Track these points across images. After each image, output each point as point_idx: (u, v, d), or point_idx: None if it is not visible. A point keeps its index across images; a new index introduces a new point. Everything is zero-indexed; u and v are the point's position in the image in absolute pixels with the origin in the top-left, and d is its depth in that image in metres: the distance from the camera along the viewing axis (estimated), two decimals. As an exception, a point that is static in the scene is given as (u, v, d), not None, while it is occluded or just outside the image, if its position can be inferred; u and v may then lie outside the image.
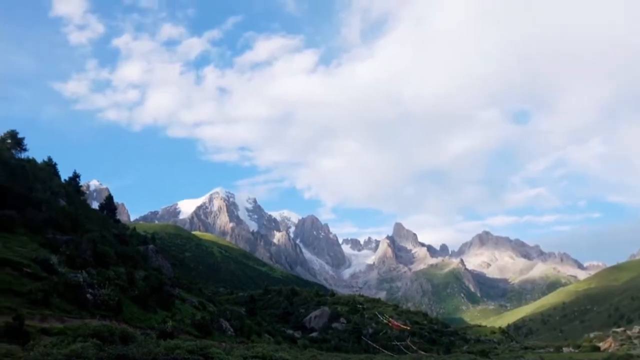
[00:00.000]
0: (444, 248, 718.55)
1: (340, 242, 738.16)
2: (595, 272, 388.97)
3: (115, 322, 21.71)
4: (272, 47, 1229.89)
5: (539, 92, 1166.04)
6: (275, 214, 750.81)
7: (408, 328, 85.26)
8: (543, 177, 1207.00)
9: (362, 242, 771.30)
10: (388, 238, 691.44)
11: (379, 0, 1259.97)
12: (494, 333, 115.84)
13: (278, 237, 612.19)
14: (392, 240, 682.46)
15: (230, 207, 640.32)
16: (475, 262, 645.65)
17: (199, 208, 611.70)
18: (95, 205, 70.50)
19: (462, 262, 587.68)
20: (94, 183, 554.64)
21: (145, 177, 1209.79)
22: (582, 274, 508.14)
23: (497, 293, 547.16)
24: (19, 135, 46.81)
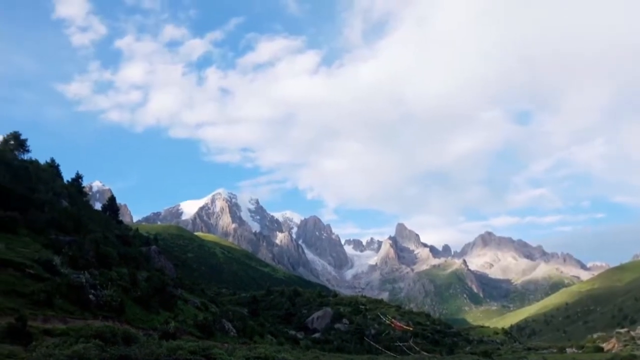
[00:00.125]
0: (447, 249, 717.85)
1: (343, 242, 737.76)
2: (599, 272, 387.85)
3: (118, 323, 21.74)
4: (274, 48, 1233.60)
5: (542, 92, 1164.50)
6: (278, 215, 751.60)
7: (411, 329, 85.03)
8: (546, 177, 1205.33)
9: (364, 242, 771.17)
10: (390, 239, 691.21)
11: (381, 1, 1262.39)
12: (497, 334, 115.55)
13: (280, 237, 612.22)
14: (394, 241, 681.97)
15: (233, 208, 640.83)
16: (478, 262, 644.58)
17: (202, 209, 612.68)
18: (98, 206, 70.69)
19: (464, 262, 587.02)
20: (97, 184, 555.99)
21: (148, 178, 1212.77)
22: (585, 275, 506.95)
23: (499, 294, 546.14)
24: (22, 137, 47.11)
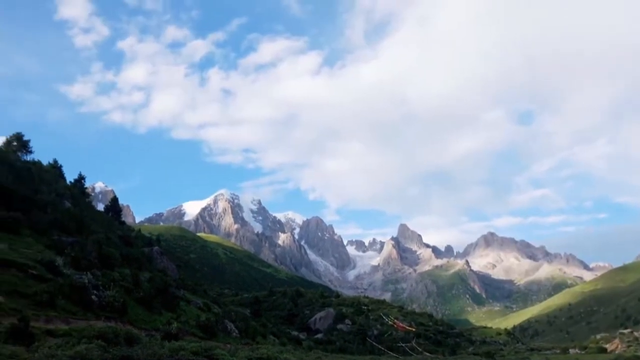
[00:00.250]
0: (449, 249, 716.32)
1: (345, 243, 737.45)
2: (602, 273, 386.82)
3: (120, 323, 21.73)
4: (276, 48, 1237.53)
5: (542, 92, 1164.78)
6: (280, 216, 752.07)
7: (413, 329, 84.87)
8: (548, 177, 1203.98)
9: (366, 243, 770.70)
10: (393, 239, 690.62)
11: (382, 1, 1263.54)
12: (500, 334, 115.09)
13: (283, 238, 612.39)
14: (396, 242, 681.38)
15: (235, 208, 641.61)
16: (481, 263, 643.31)
17: (204, 210, 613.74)
18: (101, 207, 70.89)
19: (467, 263, 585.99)
20: (99, 185, 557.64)
21: (150, 179, 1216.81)
22: (588, 275, 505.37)
23: (502, 294, 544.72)
24: (25, 138, 47.24)
